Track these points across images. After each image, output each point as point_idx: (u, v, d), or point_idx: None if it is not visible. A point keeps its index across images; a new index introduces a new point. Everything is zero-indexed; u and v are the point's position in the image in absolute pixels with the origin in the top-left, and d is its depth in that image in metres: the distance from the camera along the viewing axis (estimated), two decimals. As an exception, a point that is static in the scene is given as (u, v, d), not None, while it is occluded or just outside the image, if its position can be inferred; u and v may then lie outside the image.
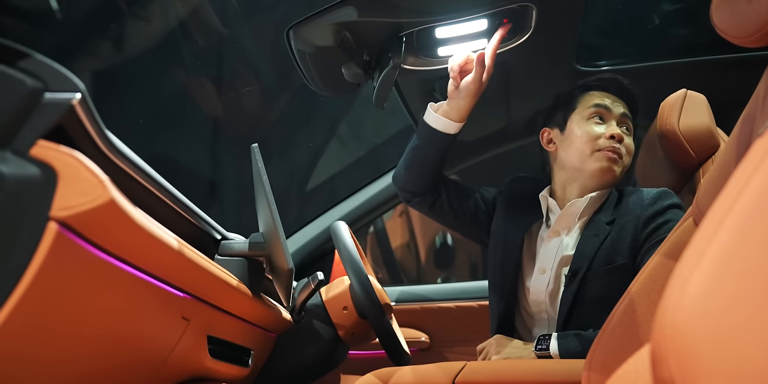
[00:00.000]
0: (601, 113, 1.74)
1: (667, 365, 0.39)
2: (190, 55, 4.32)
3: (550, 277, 1.69)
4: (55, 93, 0.66)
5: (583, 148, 1.72)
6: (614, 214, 1.68)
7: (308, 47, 1.63)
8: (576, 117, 1.77)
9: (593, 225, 1.68)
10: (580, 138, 1.73)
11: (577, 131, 1.75)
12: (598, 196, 1.72)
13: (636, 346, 0.97)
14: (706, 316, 0.39)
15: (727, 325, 0.38)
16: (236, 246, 1.27)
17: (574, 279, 1.63)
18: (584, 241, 1.67)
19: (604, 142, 1.70)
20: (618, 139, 1.70)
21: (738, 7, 0.93)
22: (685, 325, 0.39)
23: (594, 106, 1.75)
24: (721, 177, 0.96)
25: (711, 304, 0.39)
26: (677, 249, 1.04)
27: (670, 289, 0.42)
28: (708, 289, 0.40)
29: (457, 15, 1.64)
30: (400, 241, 4.39)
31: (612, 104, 1.75)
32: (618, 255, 1.62)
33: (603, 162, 1.69)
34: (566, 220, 1.73)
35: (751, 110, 0.97)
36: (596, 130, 1.72)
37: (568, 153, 1.76)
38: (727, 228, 0.43)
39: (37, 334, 0.69)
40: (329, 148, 4.49)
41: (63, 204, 0.64)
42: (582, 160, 1.72)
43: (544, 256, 1.72)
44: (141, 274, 0.81)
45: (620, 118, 1.75)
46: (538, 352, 1.58)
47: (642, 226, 1.62)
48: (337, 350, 1.67)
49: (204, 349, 1.10)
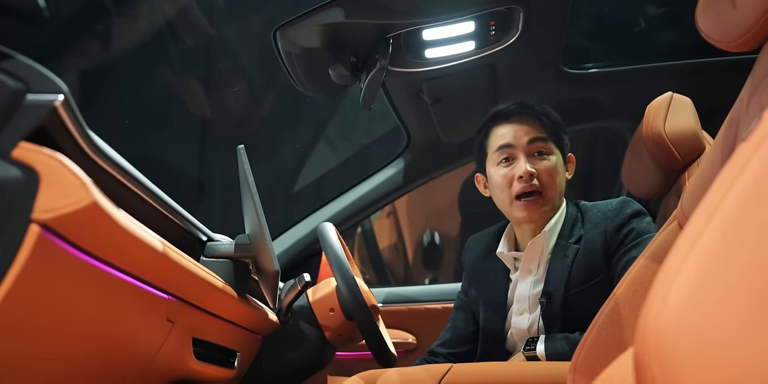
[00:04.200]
0: (507, 153, 1.72)
1: (651, 372, 0.39)
2: (178, 54, 4.30)
3: (528, 315, 1.70)
4: (38, 94, 0.66)
5: (503, 197, 1.73)
6: (579, 231, 1.69)
7: (295, 48, 1.63)
8: (489, 163, 1.77)
9: (560, 248, 1.69)
10: (497, 187, 1.74)
11: (492, 180, 1.75)
12: (553, 225, 1.72)
13: (621, 349, 0.97)
14: (689, 324, 0.39)
15: (709, 332, 0.38)
16: (222, 247, 1.26)
17: (550, 301, 1.64)
18: (554, 264, 1.67)
19: (516, 186, 1.69)
20: (527, 177, 1.67)
21: (722, 12, 0.94)
22: (667, 333, 0.39)
23: (498, 149, 1.73)
24: (706, 181, 0.97)
25: (693, 311, 0.39)
26: (662, 252, 1.04)
27: (653, 295, 0.43)
28: (690, 295, 0.40)
29: (444, 17, 1.64)
30: (388, 241, 4.39)
31: (515, 137, 1.72)
32: (593, 271, 1.63)
33: (522, 212, 1.69)
34: (533, 258, 1.73)
35: (735, 114, 0.97)
36: (507, 176, 1.71)
37: (496, 201, 1.77)
38: (709, 234, 0.43)
39: (20, 334, 0.68)
40: (317, 148, 4.48)
41: (45, 206, 0.63)
42: (508, 210, 1.74)
43: (520, 297, 1.73)
44: (124, 276, 0.81)
45: (527, 147, 1.71)
46: (525, 352, 1.59)
47: (610, 237, 1.63)
48: (324, 352, 1.66)
49: (189, 351, 1.10)
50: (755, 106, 0.88)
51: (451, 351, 1.87)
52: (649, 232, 1.62)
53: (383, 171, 2.42)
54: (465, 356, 1.85)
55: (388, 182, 2.40)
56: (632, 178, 1.98)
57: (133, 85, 4.24)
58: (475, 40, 1.73)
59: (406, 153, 2.39)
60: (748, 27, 0.89)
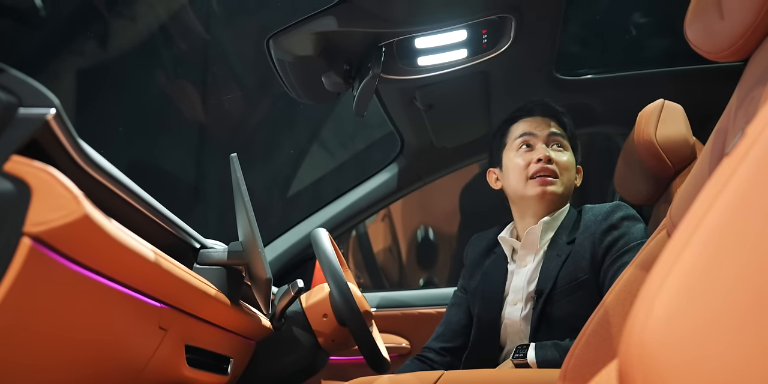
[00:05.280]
0: (527, 141, 1.79)
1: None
2: (174, 57, 4.30)
3: (522, 306, 1.73)
4: (30, 108, 0.66)
5: (518, 178, 1.78)
6: (574, 233, 1.72)
7: (288, 56, 1.63)
8: (507, 152, 1.83)
9: (555, 246, 1.72)
10: (514, 170, 1.79)
11: (509, 164, 1.81)
12: (553, 218, 1.76)
13: (610, 357, 0.98)
14: (673, 338, 0.39)
15: (692, 347, 0.38)
16: (215, 255, 1.27)
17: (540, 299, 1.67)
18: (547, 262, 1.71)
19: (534, 167, 1.75)
20: (545, 160, 1.74)
21: (711, 23, 0.94)
22: (651, 346, 0.40)
23: (519, 136, 1.81)
24: (693, 191, 0.97)
25: (678, 325, 0.40)
26: (650, 261, 1.05)
27: (637, 307, 0.43)
28: (675, 309, 0.41)
29: (437, 26, 1.65)
30: (383, 245, 4.39)
31: (537, 128, 1.80)
32: (579, 272, 1.66)
33: (537, 188, 1.75)
34: (529, 248, 1.77)
35: (724, 124, 0.98)
36: (525, 158, 1.77)
37: (509, 186, 1.82)
38: (693, 247, 0.43)
39: (12, 343, 0.69)
40: (312, 152, 4.49)
41: (37, 219, 0.64)
42: (521, 190, 1.78)
43: (515, 288, 1.77)
44: (116, 285, 0.81)
45: (548, 138, 1.79)
46: (515, 360, 1.60)
47: (598, 240, 1.66)
48: (317, 357, 1.67)
49: (182, 359, 1.10)
50: (742, 117, 0.88)
51: (444, 345, 1.89)
52: (641, 237, 1.63)
53: (377, 176, 2.43)
54: (456, 351, 1.87)
55: (381, 187, 2.41)
56: (624, 184, 1.99)
57: (128, 87, 4.24)
58: (467, 48, 1.74)
59: (400, 158, 2.40)
60: (736, 37, 0.90)
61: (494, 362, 1.76)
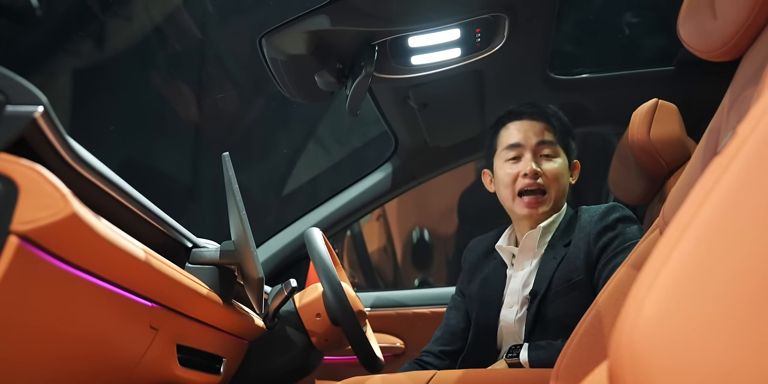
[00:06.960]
0: (515, 152, 1.77)
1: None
2: (169, 57, 4.30)
3: (517, 308, 1.73)
4: (17, 106, 0.66)
5: (507, 193, 1.78)
6: (570, 235, 1.72)
7: (281, 55, 1.63)
8: (497, 160, 1.82)
9: (552, 249, 1.72)
10: (502, 182, 1.79)
11: (499, 173, 1.81)
12: (549, 223, 1.76)
13: (602, 357, 0.98)
14: (662, 338, 0.39)
15: (682, 348, 0.38)
16: (207, 254, 1.26)
17: (535, 300, 1.66)
18: (544, 264, 1.71)
19: (521, 182, 1.74)
20: (532, 175, 1.72)
21: (703, 22, 0.94)
22: (641, 347, 0.40)
23: (507, 147, 1.78)
24: (686, 190, 0.97)
25: (667, 325, 0.40)
26: (642, 260, 1.05)
27: (628, 307, 0.43)
28: (664, 309, 0.41)
29: (430, 25, 1.65)
30: (377, 244, 4.39)
31: (525, 136, 1.77)
32: (573, 272, 1.65)
33: (524, 210, 1.74)
34: (527, 252, 1.77)
35: (716, 124, 0.98)
36: (512, 173, 1.76)
37: (500, 195, 1.82)
38: (683, 247, 0.43)
39: (3, 340, 0.68)
40: (308, 151, 4.48)
41: (24, 218, 0.63)
42: (509, 205, 1.79)
43: (512, 291, 1.77)
44: (106, 284, 0.81)
45: (536, 147, 1.76)
46: (508, 359, 1.60)
47: (593, 241, 1.66)
48: (311, 357, 1.66)
49: (173, 358, 1.09)
50: (734, 116, 0.88)
51: (442, 348, 1.89)
52: (635, 238, 1.63)
53: (371, 175, 2.42)
54: (455, 354, 1.87)
55: (376, 187, 2.41)
56: (618, 184, 1.99)
57: (124, 87, 4.23)
58: (460, 47, 1.73)
59: (394, 157, 2.40)
60: (729, 37, 0.90)
61: (490, 365, 1.76)
